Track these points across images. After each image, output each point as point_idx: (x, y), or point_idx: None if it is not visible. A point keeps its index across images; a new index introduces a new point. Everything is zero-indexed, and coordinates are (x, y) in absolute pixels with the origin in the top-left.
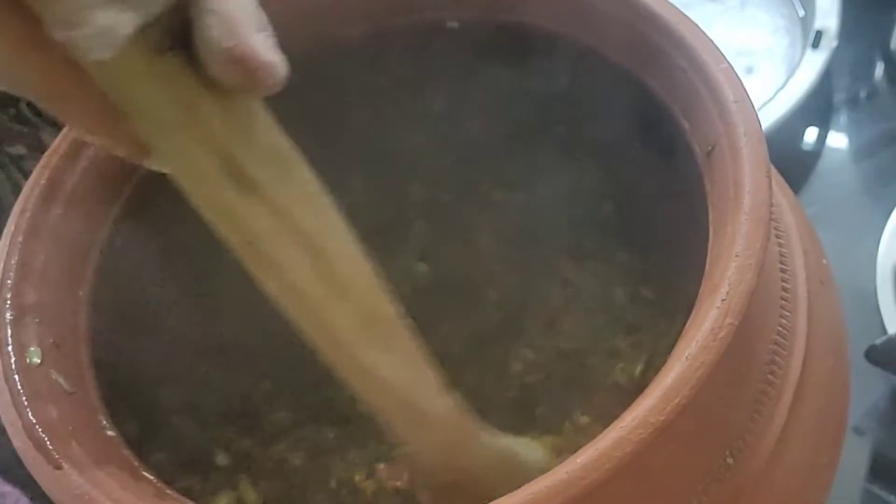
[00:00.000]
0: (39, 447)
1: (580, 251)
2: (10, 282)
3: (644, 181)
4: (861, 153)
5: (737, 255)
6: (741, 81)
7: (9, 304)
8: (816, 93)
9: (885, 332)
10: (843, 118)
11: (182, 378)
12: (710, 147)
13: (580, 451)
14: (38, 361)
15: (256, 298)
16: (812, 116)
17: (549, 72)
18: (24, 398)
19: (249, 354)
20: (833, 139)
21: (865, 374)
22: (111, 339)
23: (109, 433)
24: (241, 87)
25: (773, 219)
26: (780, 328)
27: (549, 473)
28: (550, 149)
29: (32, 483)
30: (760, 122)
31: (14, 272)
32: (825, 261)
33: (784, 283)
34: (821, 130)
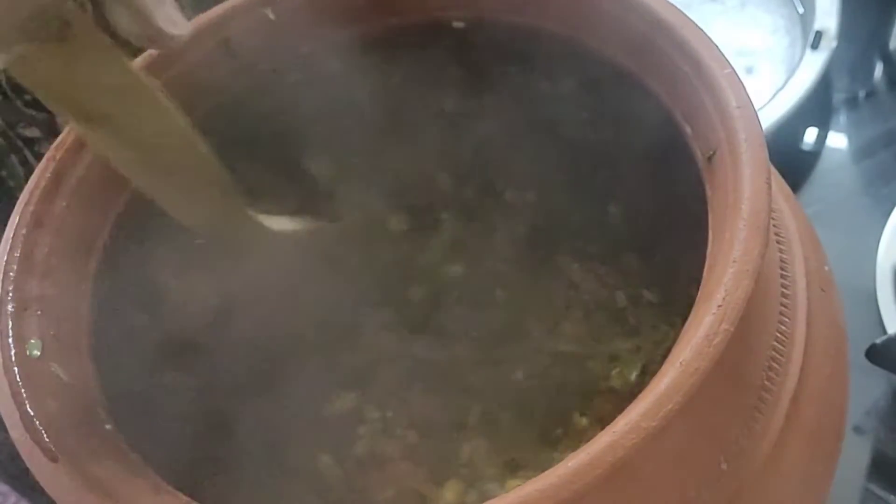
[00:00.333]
0: (37, 439)
1: (585, 253)
2: (13, 274)
3: (647, 184)
4: (861, 153)
5: (734, 262)
6: (744, 87)
7: (10, 296)
8: (816, 93)
9: (885, 332)
10: (843, 118)
11: (183, 373)
12: (712, 152)
13: (572, 455)
14: (39, 354)
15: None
16: (812, 116)
17: (552, 74)
18: (23, 390)
19: (252, 348)
20: (833, 139)
21: (865, 374)
22: (112, 333)
23: (107, 427)
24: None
25: (775, 225)
26: (779, 334)
27: (540, 476)
28: (551, 149)
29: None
30: (762, 128)
31: (17, 264)
32: (827, 267)
33: (784, 290)
34: (821, 130)
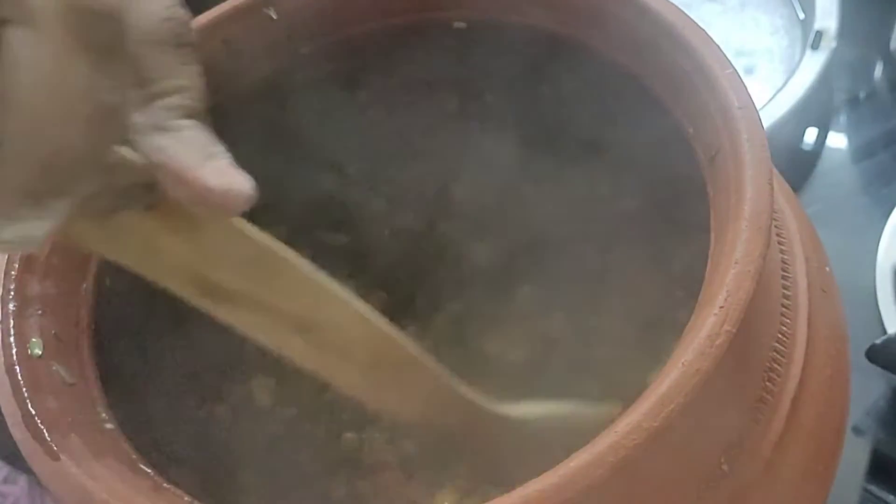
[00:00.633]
0: (38, 438)
1: (594, 251)
2: (14, 273)
3: (649, 185)
4: (861, 153)
5: (736, 263)
6: (746, 87)
7: (12, 295)
8: (816, 93)
9: (885, 332)
10: (843, 118)
11: (183, 372)
12: (714, 152)
13: (573, 455)
14: (40, 353)
15: None
16: (812, 117)
17: (554, 74)
18: (25, 389)
19: (254, 348)
20: (833, 139)
21: (865, 374)
22: (113, 332)
23: (108, 426)
24: (212, 215)
25: (776, 226)
26: (780, 336)
27: (542, 476)
28: (552, 150)
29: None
30: (764, 129)
31: (18, 263)
32: (828, 268)
33: (785, 291)
34: (821, 131)
